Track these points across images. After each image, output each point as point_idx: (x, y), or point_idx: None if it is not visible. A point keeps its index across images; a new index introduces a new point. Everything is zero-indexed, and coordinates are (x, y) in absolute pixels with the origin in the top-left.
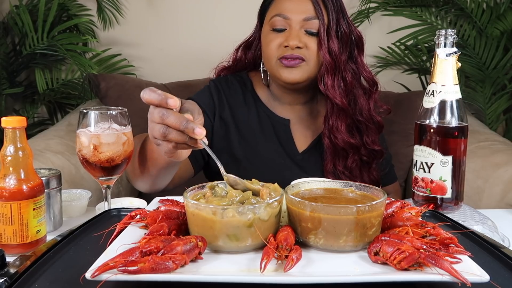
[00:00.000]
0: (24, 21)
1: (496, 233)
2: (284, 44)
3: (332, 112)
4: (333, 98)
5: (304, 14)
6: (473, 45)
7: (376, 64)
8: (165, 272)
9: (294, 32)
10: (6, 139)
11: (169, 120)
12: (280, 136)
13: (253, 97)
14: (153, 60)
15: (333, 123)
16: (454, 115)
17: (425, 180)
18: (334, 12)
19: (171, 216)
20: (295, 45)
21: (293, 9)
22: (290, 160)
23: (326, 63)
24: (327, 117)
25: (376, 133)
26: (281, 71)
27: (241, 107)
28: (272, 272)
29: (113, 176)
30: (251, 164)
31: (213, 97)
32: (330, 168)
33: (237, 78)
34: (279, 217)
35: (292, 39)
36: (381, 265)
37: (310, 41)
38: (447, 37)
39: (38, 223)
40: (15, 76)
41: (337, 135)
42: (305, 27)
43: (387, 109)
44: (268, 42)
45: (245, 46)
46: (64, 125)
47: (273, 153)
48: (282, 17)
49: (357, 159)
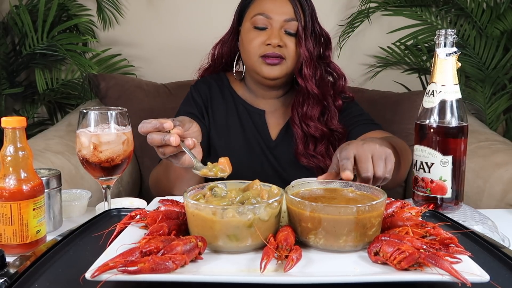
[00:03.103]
0: (24, 21)
1: (496, 233)
2: (267, 42)
3: (307, 101)
4: (310, 88)
5: (285, 16)
6: (473, 45)
7: (376, 64)
8: (165, 272)
9: (275, 32)
10: (6, 139)
11: (153, 141)
12: (257, 125)
13: (231, 92)
14: (153, 60)
15: (307, 111)
16: (454, 115)
17: (425, 180)
18: (309, 15)
19: (171, 216)
20: (276, 44)
21: (275, 9)
22: (266, 147)
23: (305, 58)
24: (295, 106)
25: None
26: (262, 67)
27: (220, 103)
28: (272, 272)
29: (113, 176)
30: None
31: (197, 101)
32: (301, 150)
33: (214, 77)
34: (279, 217)
35: (274, 38)
36: (381, 265)
37: (289, 40)
38: (447, 37)
39: (38, 223)
40: (15, 76)
41: (310, 122)
42: (285, 27)
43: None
44: (250, 39)
45: (222, 43)
46: (64, 125)
47: (250, 141)
48: (264, 16)
49: (325, 142)
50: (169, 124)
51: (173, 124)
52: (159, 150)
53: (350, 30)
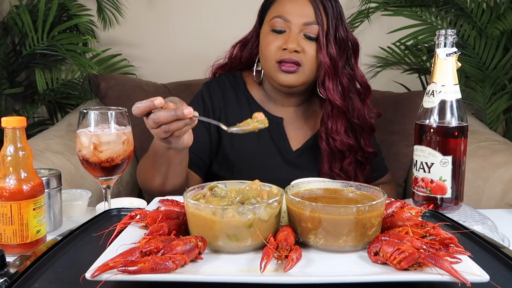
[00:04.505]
0: (24, 21)
1: (496, 233)
2: (283, 46)
3: (331, 115)
4: (334, 100)
5: (304, 18)
6: (473, 45)
7: (376, 64)
8: (165, 272)
9: (293, 36)
10: (6, 139)
11: (161, 119)
12: (274, 134)
13: (246, 96)
14: (153, 60)
15: (332, 125)
16: (454, 115)
17: (425, 180)
18: (333, 18)
19: (171, 216)
20: (293, 49)
21: (294, 12)
22: (284, 158)
23: (326, 66)
24: (324, 120)
25: (369, 136)
26: (278, 74)
27: (233, 107)
28: (272, 272)
29: (113, 176)
30: (244, 164)
31: (206, 102)
32: (326, 170)
33: (229, 78)
34: (279, 217)
35: (291, 42)
36: (381, 265)
37: (308, 45)
38: (447, 37)
39: (38, 223)
40: (15, 76)
41: (336, 136)
42: (304, 31)
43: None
44: (267, 43)
45: (242, 44)
46: (64, 125)
47: (266, 151)
48: (282, 19)
49: (353, 160)
50: (159, 101)
51: (162, 100)
52: (163, 130)
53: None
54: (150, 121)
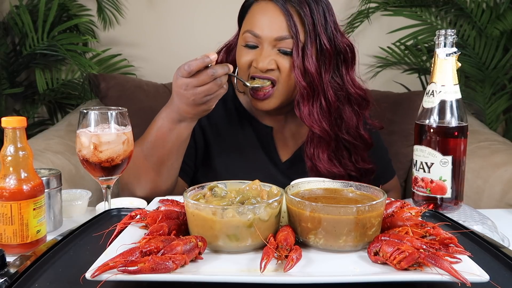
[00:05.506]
0: (24, 21)
1: (496, 233)
2: (254, 65)
3: (312, 140)
4: (310, 127)
5: (276, 33)
6: (473, 45)
7: (376, 64)
8: (165, 272)
9: (265, 53)
10: (6, 139)
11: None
12: (263, 143)
13: (235, 104)
14: (153, 60)
15: (314, 151)
16: (454, 115)
17: (425, 180)
18: (312, 28)
19: (171, 216)
20: (264, 68)
21: (265, 26)
22: (274, 168)
23: (301, 88)
24: (307, 143)
25: (364, 150)
26: (252, 99)
27: (221, 116)
28: (272, 272)
29: (113, 176)
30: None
31: None
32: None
33: None
34: (279, 217)
35: (262, 61)
36: (381, 265)
37: (283, 61)
38: (447, 37)
39: (38, 223)
40: (15, 76)
41: (318, 163)
42: (278, 46)
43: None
44: (239, 57)
45: (227, 49)
46: (64, 125)
47: (256, 161)
48: (252, 34)
49: (345, 175)
50: (215, 56)
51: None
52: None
53: (350, 30)
54: (206, 76)
